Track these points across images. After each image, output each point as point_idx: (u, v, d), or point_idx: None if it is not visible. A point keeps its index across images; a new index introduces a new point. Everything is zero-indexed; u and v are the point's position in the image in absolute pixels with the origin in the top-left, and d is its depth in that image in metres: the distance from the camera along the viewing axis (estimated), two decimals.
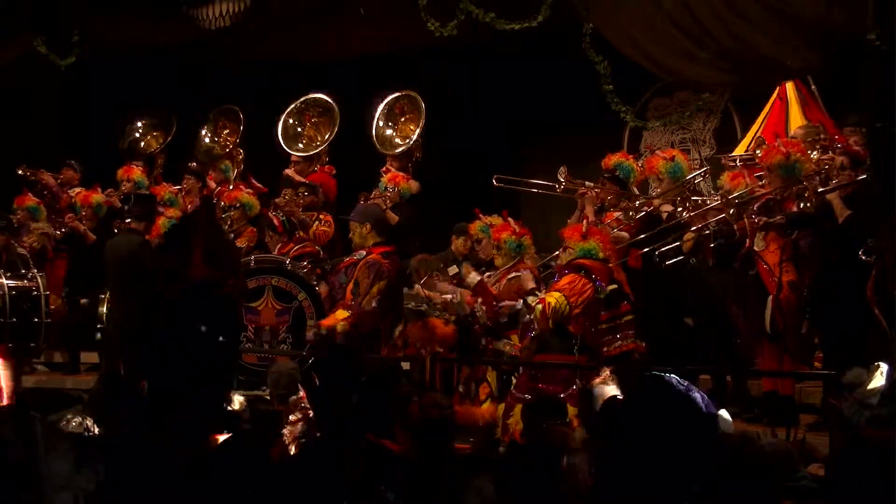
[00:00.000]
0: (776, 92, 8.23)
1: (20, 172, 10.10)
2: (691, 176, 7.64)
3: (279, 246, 8.44)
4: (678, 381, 2.49)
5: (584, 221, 6.75)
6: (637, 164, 7.84)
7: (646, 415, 2.45)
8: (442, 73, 10.37)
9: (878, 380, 4.60)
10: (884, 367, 4.52)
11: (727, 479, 2.91)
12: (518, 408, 6.22)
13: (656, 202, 7.54)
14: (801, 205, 6.29)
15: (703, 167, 8.46)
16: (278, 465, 4.00)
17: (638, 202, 7.55)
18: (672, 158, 7.52)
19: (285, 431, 5.10)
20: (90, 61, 10.32)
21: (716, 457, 2.49)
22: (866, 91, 6.30)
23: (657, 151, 7.95)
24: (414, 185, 9.00)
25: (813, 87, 8.18)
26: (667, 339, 7.19)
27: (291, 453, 4.84)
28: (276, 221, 8.55)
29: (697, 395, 2.51)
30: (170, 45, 10.35)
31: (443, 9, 8.47)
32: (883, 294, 5.68)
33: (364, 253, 7.61)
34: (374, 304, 7.40)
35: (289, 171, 9.47)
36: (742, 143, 8.71)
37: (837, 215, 6.18)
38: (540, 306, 6.16)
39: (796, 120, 8.11)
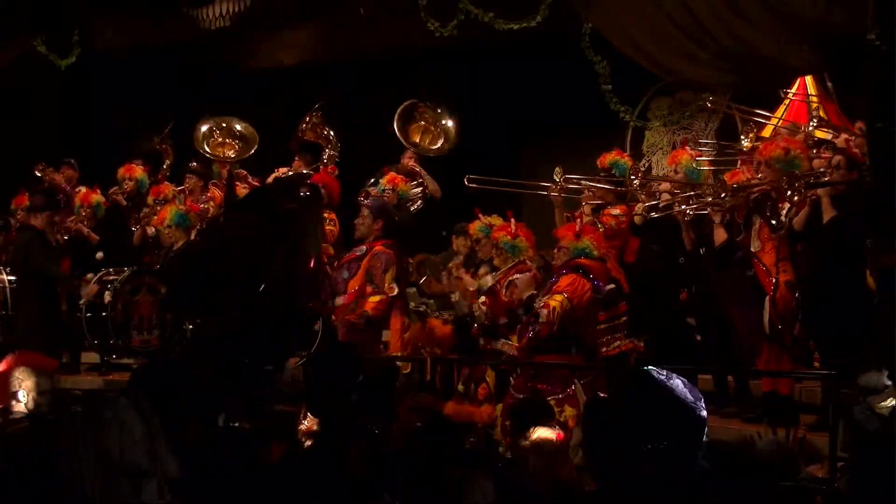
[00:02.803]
0: (794, 88, 8.20)
1: (38, 173, 10.08)
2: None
3: None
4: (657, 372, 2.47)
5: (578, 220, 6.76)
6: (633, 162, 7.86)
7: (627, 410, 2.45)
8: (442, 73, 10.36)
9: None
10: None
11: (726, 480, 2.91)
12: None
13: (662, 186, 7.55)
14: (794, 197, 6.28)
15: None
16: (277, 465, 4.00)
17: (639, 180, 7.56)
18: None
19: (301, 429, 5.06)
20: (90, 61, 10.31)
21: (701, 449, 2.48)
22: (866, 91, 6.30)
23: (688, 147, 8.00)
24: (413, 188, 8.99)
25: (829, 84, 8.15)
26: (664, 335, 7.19)
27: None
28: None
29: (678, 384, 2.48)
30: (170, 45, 10.34)
31: (443, 9, 8.47)
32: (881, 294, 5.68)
33: (365, 248, 7.60)
34: (395, 289, 7.39)
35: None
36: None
37: (823, 214, 6.19)
38: (545, 311, 6.17)
39: None
